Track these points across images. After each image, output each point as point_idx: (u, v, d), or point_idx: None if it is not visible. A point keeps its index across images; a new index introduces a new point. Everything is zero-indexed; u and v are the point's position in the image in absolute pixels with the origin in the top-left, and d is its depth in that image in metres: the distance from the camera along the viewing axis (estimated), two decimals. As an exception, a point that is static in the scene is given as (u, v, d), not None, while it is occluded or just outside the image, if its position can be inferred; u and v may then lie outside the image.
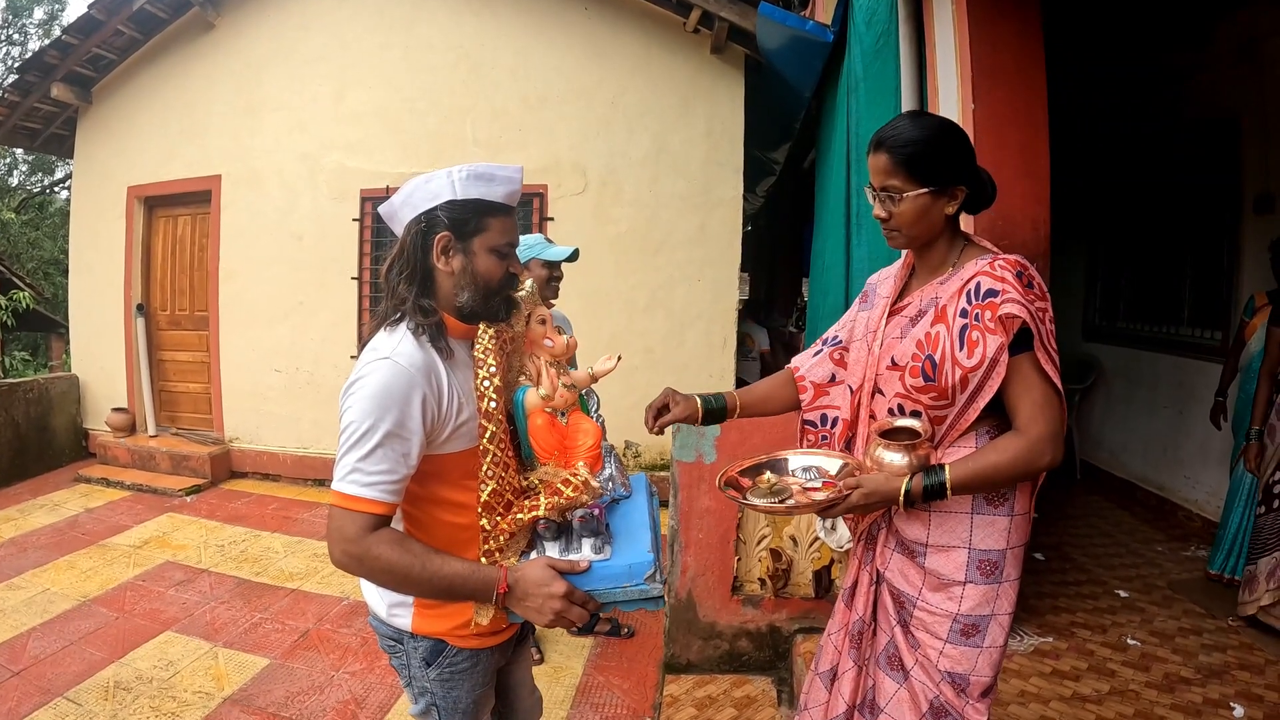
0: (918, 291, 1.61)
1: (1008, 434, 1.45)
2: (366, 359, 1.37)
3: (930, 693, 1.53)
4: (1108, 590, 3.55)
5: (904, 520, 1.57)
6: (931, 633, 1.53)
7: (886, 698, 1.60)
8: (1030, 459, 1.41)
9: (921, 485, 1.43)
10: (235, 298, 6.68)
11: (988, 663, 1.51)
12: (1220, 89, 4.35)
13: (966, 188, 1.54)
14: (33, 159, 18.14)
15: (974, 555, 1.50)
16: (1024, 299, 1.39)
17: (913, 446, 1.47)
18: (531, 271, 3.13)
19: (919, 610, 1.55)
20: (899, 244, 1.60)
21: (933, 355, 1.47)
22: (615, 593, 1.36)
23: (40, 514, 5.48)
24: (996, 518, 1.50)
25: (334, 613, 3.93)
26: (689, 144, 5.96)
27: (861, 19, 3.48)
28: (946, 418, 1.50)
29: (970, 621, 1.50)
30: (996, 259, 1.47)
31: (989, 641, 1.51)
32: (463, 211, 1.41)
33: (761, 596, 3.08)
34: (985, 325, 1.41)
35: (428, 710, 1.56)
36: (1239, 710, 2.50)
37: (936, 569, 1.53)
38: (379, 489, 1.31)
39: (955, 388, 1.45)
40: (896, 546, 1.60)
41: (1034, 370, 1.42)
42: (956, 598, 1.51)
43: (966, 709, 1.51)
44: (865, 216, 3.51)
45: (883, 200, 1.54)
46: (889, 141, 1.51)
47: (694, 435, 3.00)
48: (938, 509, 1.52)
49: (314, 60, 6.39)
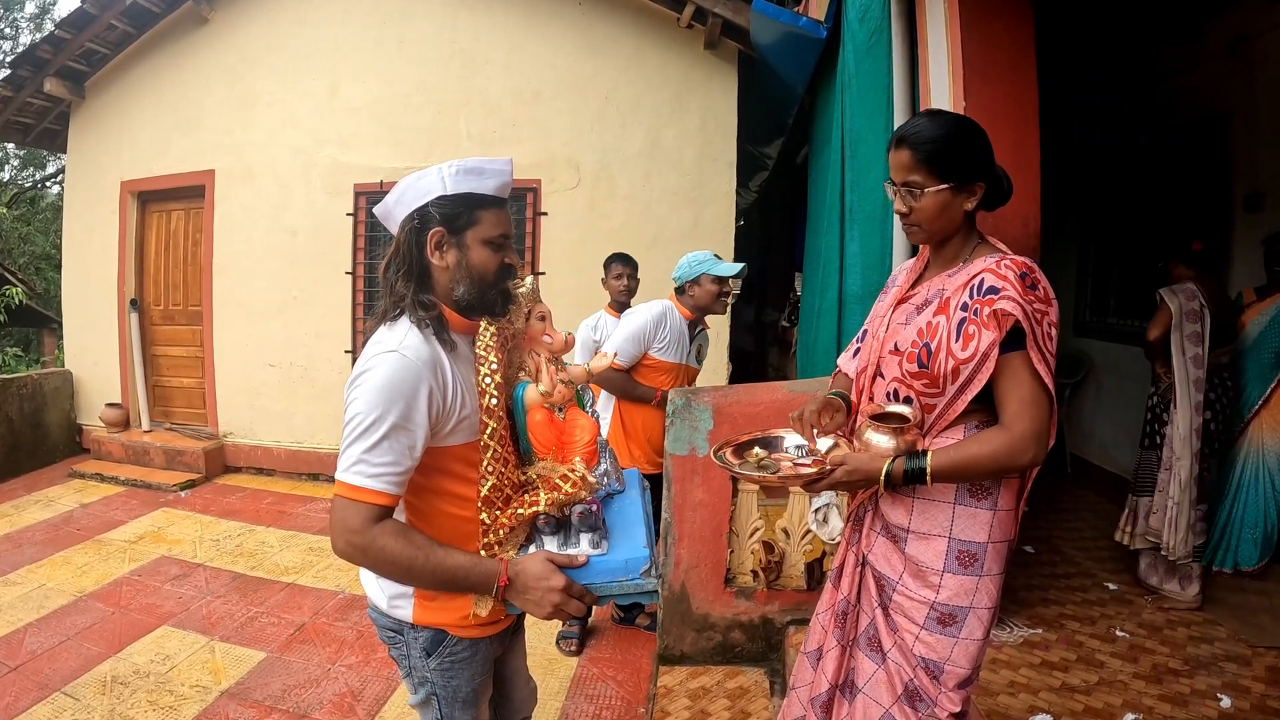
0: (927, 282, 1.64)
1: (993, 428, 1.48)
2: (372, 352, 1.38)
3: (905, 675, 1.56)
4: (1097, 583, 3.59)
5: (889, 505, 1.61)
6: (909, 618, 1.56)
7: (865, 678, 1.63)
8: (1012, 455, 1.43)
9: (902, 468, 1.46)
10: (229, 293, 6.67)
11: (964, 654, 1.53)
12: (1211, 87, 4.37)
13: (985, 184, 1.56)
14: (24, 154, 18.00)
15: (953, 545, 1.52)
16: (1022, 299, 1.41)
17: (900, 430, 1.50)
18: (701, 286, 3.29)
19: (898, 595, 1.58)
20: (919, 239, 1.62)
21: (929, 343, 1.50)
22: (612, 586, 1.39)
23: (35, 510, 5.48)
24: (979, 510, 1.52)
25: (330, 606, 3.95)
26: (682, 139, 5.97)
27: (854, 15, 3.49)
28: (936, 406, 1.53)
29: (947, 611, 1.52)
30: (1004, 258, 1.50)
31: (966, 634, 1.53)
32: (454, 206, 1.43)
33: (754, 588, 3.11)
34: (981, 320, 1.44)
35: (427, 700, 1.58)
36: (1226, 701, 2.54)
37: (916, 556, 1.56)
38: (384, 480, 1.32)
39: (947, 377, 1.49)
40: (881, 530, 1.64)
41: (1025, 368, 1.44)
42: (934, 585, 1.53)
43: (940, 697, 1.53)
44: (858, 212, 3.52)
45: (903, 196, 1.57)
46: (911, 138, 1.54)
47: (687, 429, 3.02)
48: (921, 496, 1.54)
49: (308, 55, 6.37)
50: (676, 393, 3.07)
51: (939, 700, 1.53)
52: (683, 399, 3.04)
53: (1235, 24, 4.11)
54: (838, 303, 3.65)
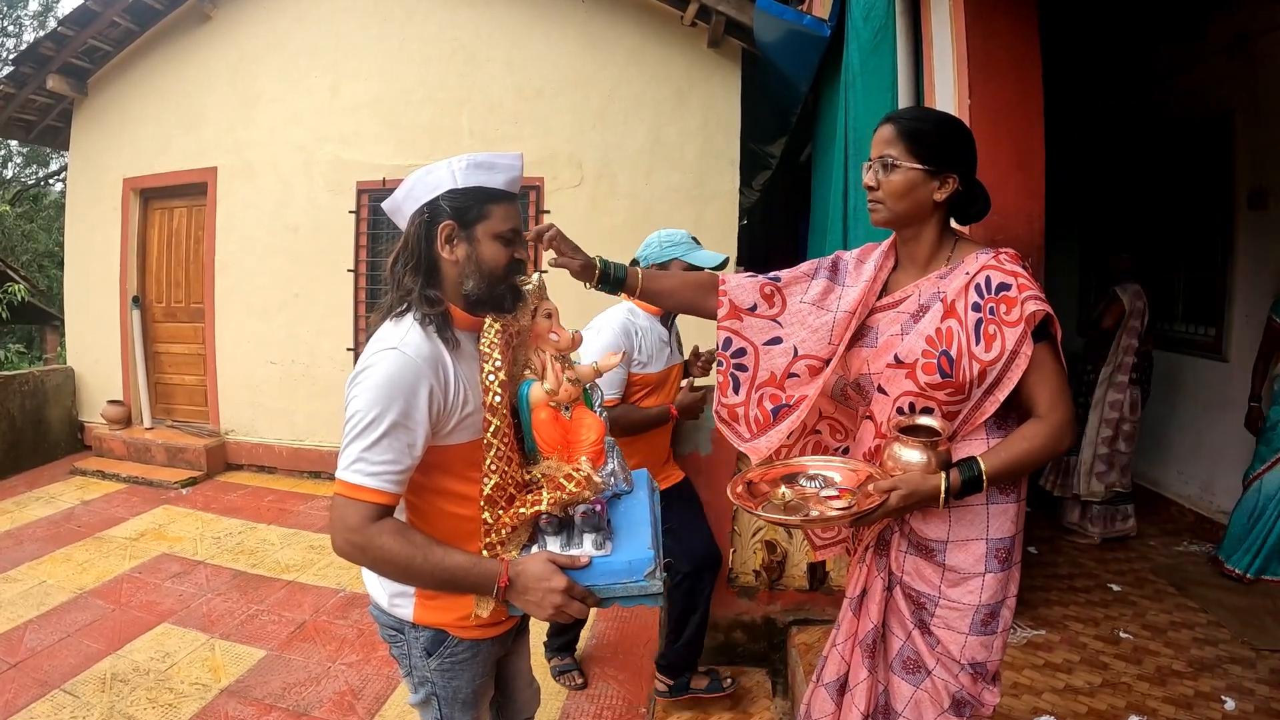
0: (913, 286, 1.59)
1: (1030, 422, 1.48)
2: (373, 349, 1.37)
3: (952, 687, 1.55)
4: (1100, 584, 3.57)
5: (921, 521, 1.57)
6: (954, 629, 1.54)
7: (904, 701, 1.60)
8: (1056, 443, 1.45)
9: (960, 480, 1.43)
10: (231, 290, 6.67)
11: (1001, 645, 1.56)
12: (1212, 85, 4.36)
13: (958, 179, 1.53)
14: (27, 151, 18.02)
15: (991, 545, 1.53)
16: (1039, 292, 1.43)
17: (933, 444, 1.46)
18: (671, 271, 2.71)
19: (941, 608, 1.56)
20: (880, 217, 1.59)
21: (948, 351, 1.47)
22: (615, 589, 1.36)
23: (36, 506, 5.48)
24: (1007, 505, 1.53)
25: (330, 604, 3.94)
26: (685, 137, 5.96)
27: (859, 13, 3.48)
28: (960, 412, 1.51)
29: (990, 610, 1.53)
30: (999, 253, 1.50)
31: (1002, 625, 1.56)
32: (464, 199, 1.42)
33: (756, 588, 3.10)
34: (1002, 319, 1.43)
35: (428, 700, 1.57)
36: (1230, 703, 2.52)
37: (956, 564, 1.54)
38: (383, 479, 1.31)
39: (973, 382, 1.46)
40: (909, 549, 1.60)
41: (1051, 359, 1.45)
42: (976, 589, 1.53)
43: (983, 694, 1.55)
44: (862, 212, 3.51)
45: (876, 169, 1.55)
46: (896, 116, 1.57)
47: (691, 429, 3.01)
48: (956, 505, 1.51)
49: (310, 52, 6.37)
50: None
51: (982, 697, 1.55)
52: (685, 397, 3.02)
53: (1236, 23, 4.11)
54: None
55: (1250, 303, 4.11)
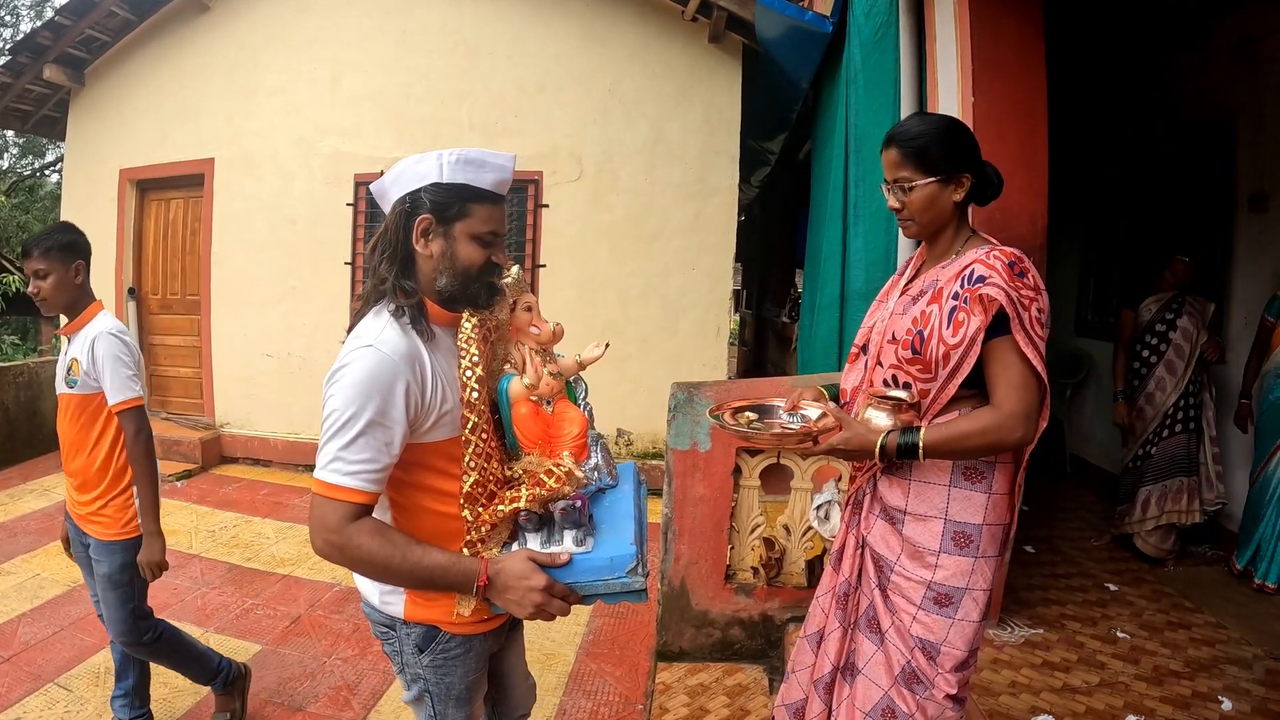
0: (924, 275, 1.71)
1: (983, 408, 1.54)
2: (350, 346, 1.36)
3: (903, 657, 1.61)
4: (1097, 583, 3.57)
5: (887, 488, 1.68)
6: (906, 598, 1.62)
7: (865, 659, 1.69)
8: (1000, 432, 1.48)
9: (896, 441, 1.52)
10: (227, 282, 6.65)
11: (960, 636, 1.58)
12: (1216, 88, 4.35)
13: (972, 175, 1.63)
14: (23, 141, 17.95)
15: (949, 526, 1.58)
16: (1008, 285, 1.48)
17: (897, 408, 1.57)
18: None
19: (895, 575, 1.64)
20: (913, 233, 1.70)
21: (923, 331, 1.58)
22: (597, 585, 1.35)
23: (30, 499, 5.45)
24: (974, 493, 1.58)
25: (326, 599, 3.93)
26: (686, 132, 5.96)
27: (861, 10, 3.46)
28: (930, 391, 1.59)
29: (943, 590, 1.58)
30: (994, 249, 1.56)
31: (961, 615, 1.58)
32: (447, 195, 1.39)
33: (754, 585, 3.09)
34: (970, 307, 1.50)
35: (420, 697, 1.56)
36: (1227, 704, 2.52)
37: (914, 537, 1.62)
38: (361, 478, 1.29)
39: (938, 362, 1.55)
40: (879, 513, 1.71)
41: (1012, 352, 1.49)
42: (931, 566, 1.59)
43: (937, 679, 1.58)
44: (863, 208, 3.50)
45: (895, 192, 1.66)
46: (897, 138, 1.65)
47: (689, 423, 3.00)
48: (918, 479, 1.62)
49: (310, 44, 6.35)
50: (678, 387, 3.04)
51: (935, 681, 1.58)
52: (685, 394, 3.01)
53: (1240, 26, 4.10)
54: (839, 299, 3.63)
55: (1249, 306, 4.10)
